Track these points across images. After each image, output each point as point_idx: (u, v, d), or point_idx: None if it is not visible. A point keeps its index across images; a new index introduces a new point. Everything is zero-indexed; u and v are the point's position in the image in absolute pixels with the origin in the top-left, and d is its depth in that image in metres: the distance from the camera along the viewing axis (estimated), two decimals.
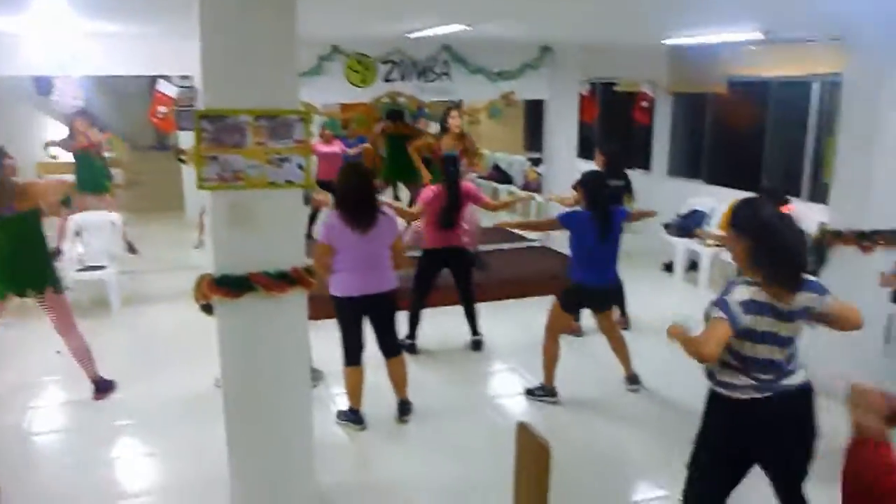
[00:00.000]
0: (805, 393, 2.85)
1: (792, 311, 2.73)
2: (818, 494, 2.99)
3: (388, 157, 8.95)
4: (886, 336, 5.21)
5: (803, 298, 2.75)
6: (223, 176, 3.18)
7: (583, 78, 8.86)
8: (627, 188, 6.35)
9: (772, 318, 2.70)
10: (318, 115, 7.82)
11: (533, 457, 2.07)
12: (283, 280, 3.32)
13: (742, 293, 2.68)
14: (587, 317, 5.70)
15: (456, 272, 5.86)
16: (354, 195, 4.34)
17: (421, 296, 5.84)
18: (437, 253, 5.72)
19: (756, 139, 8.35)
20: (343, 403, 4.76)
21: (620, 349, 5.22)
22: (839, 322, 2.84)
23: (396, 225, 4.61)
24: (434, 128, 8.55)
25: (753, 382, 2.77)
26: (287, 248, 3.38)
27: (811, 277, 2.80)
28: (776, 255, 2.68)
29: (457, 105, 8.04)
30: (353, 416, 4.65)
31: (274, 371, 3.47)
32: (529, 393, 5.12)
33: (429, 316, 5.97)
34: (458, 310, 6.01)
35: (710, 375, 2.91)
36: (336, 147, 9.49)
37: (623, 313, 6.37)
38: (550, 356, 5.00)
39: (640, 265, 8.01)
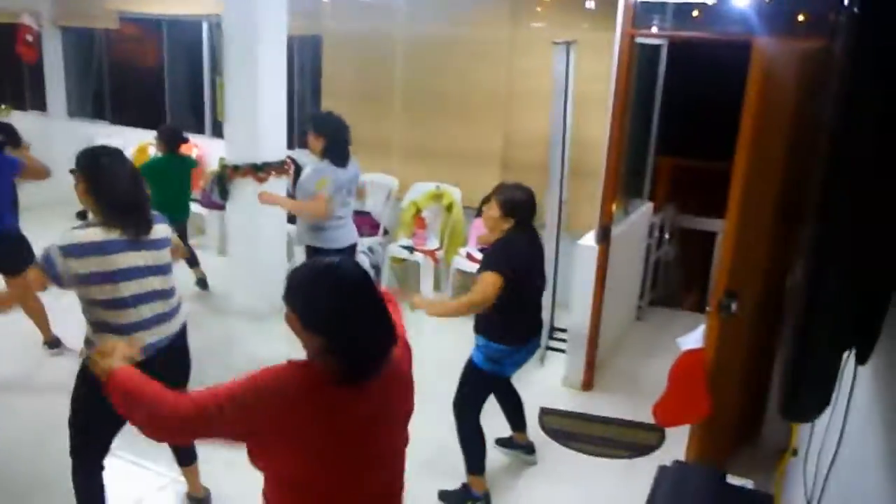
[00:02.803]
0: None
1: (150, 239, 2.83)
2: None
3: None
4: (288, 254, 5.88)
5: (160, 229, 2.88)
6: None
7: None
8: (12, 142, 5.19)
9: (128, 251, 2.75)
10: None
11: None
12: None
13: (68, 237, 2.65)
14: None
15: None
16: None
17: None
18: None
19: (157, 77, 8.28)
20: None
21: (37, 314, 4.77)
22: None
23: None
24: None
25: None
26: None
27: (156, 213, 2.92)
28: (109, 197, 2.71)
29: None
30: None
31: None
32: None
33: None
34: None
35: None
36: None
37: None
38: None
39: (51, 215, 7.35)
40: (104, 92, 8.85)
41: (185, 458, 3.37)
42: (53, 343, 4.86)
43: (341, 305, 1.72)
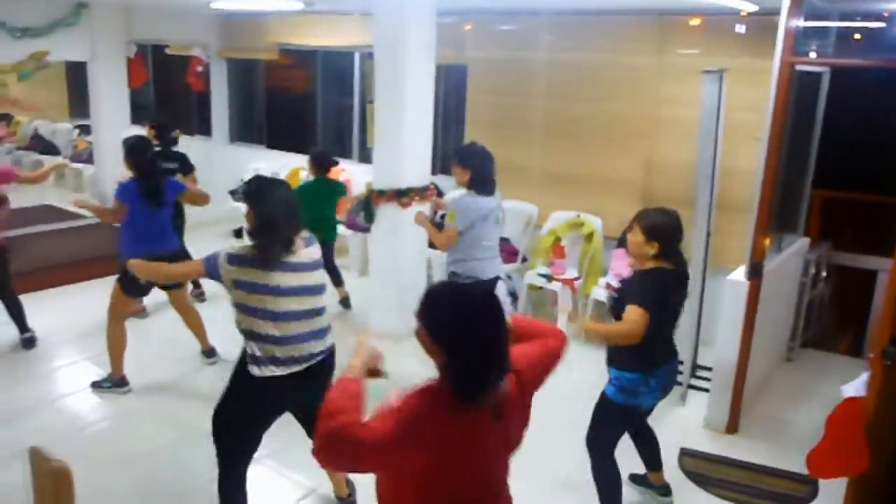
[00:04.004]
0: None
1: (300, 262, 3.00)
2: None
3: None
4: (428, 276, 6.00)
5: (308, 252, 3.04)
6: None
7: (128, 39, 8.26)
8: (184, 169, 5.91)
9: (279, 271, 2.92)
10: None
11: (52, 484, 1.89)
12: None
13: (235, 249, 2.91)
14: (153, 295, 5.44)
15: None
16: None
17: None
18: None
19: (310, 105, 8.77)
20: None
21: (195, 324, 5.12)
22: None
23: None
24: None
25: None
26: None
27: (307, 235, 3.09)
28: (265, 225, 2.90)
29: None
30: None
31: None
32: (96, 385, 4.74)
33: None
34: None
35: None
36: None
37: (197, 284, 6.24)
38: (115, 343, 4.67)
39: (210, 233, 7.92)
40: (262, 118, 9.44)
41: None
42: (210, 353, 5.18)
43: (466, 323, 1.82)
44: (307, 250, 3.03)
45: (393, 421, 1.77)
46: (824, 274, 5.85)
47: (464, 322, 1.82)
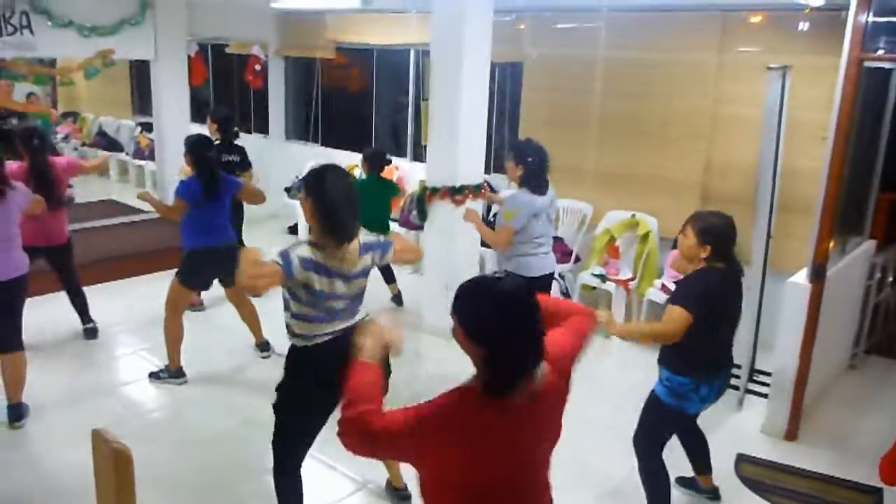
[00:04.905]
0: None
1: (350, 273, 2.97)
2: None
3: None
4: (481, 273, 5.98)
5: (363, 261, 3.01)
6: None
7: (190, 38, 8.46)
8: (242, 164, 6.03)
9: (327, 277, 2.90)
10: None
11: (113, 465, 1.93)
12: None
13: (303, 251, 2.86)
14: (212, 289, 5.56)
15: (54, 260, 5.23)
16: None
17: None
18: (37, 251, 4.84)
19: (365, 103, 8.83)
20: None
21: (250, 317, 5.20)
22: (401, 257, 3.27)
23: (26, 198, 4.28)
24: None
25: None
26: None
27: (371, 239, 3.06)
28: (326, 212, 2.86)
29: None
30: None
31: None
32: (154, 376, 4.86)
33: (30, 306, 5.29)
34: (64, 296, 5.44)
35: (288, 328, 3.06)
36: None
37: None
38: (173, 335, 4.78)
39: (267, 230, 8.06)
40: (317, 116, 9.55)
41: None
42: (264, 346, 5.27)
43: (499, 318, 1.80)
44: (363, 257, 3.02)
45: (415, 411, 1.82)
46: (890, 279, 5.64)
47: (499, 317, 1.80)
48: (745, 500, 3.79)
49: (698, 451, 3.67)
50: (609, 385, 4.87)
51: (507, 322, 1.80)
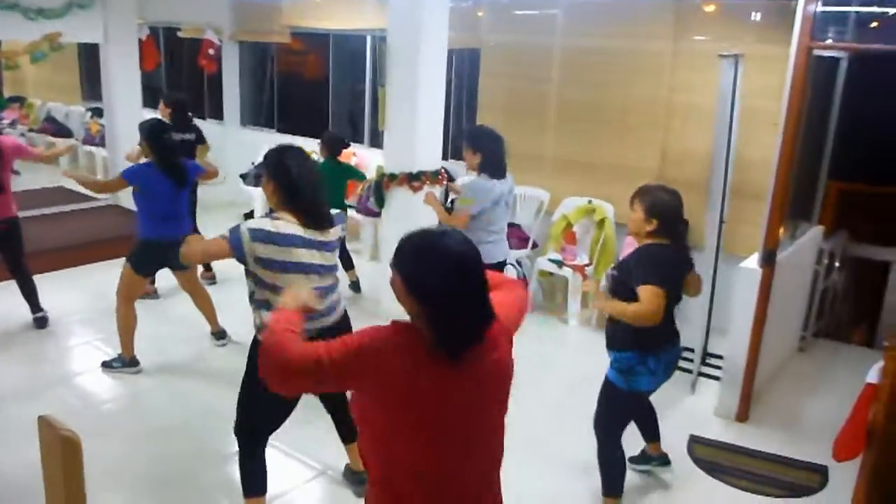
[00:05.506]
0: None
1: (324, 241, 2.99)
2: None
3: None
4: None
5: (334, 231, 3.04)
6: None
7: (141, 21, 8.24)
8: (199, 140, 6.10)
9: (303, 248, 2.91)
10: None
11: (60, 452, 1.87)
12: None
13: (257, 223, 2.86)
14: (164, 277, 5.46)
15: (2, 245, 5.11)
16: None
17: None
18: None
19: (322, 88, 8.74)
20: None
21: (205, 306, 5.12)
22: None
23: None
24: None
25: None
26: None
27: (336, 211, 3.09)
28: (289, 194, 2.89)
29: None
30: None
31: None
32: (107, 365, 4.76)
33: None
34: (13, 287, 5.29)
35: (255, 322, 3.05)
36: None
37: (208, 267, 6.26)
38: (125, 324, 4.68)
39: (222, 216, 7.91)
40: (273, 102, 9.43)
41: (349, 435, 3.51)
42: (220, 335, 5.19)
43: (444, 276, 1.72)
44: (333, 229, 3.02)
45: (345, 342, 1.79)
46: (838, 264, 5.80)
47: (446, 276, 1.73)
48: (699, 481, 3.87)
49: (647, 419, 3.74)
50: (574, 367, 4.92)
51: (450, 280, 1.72)
